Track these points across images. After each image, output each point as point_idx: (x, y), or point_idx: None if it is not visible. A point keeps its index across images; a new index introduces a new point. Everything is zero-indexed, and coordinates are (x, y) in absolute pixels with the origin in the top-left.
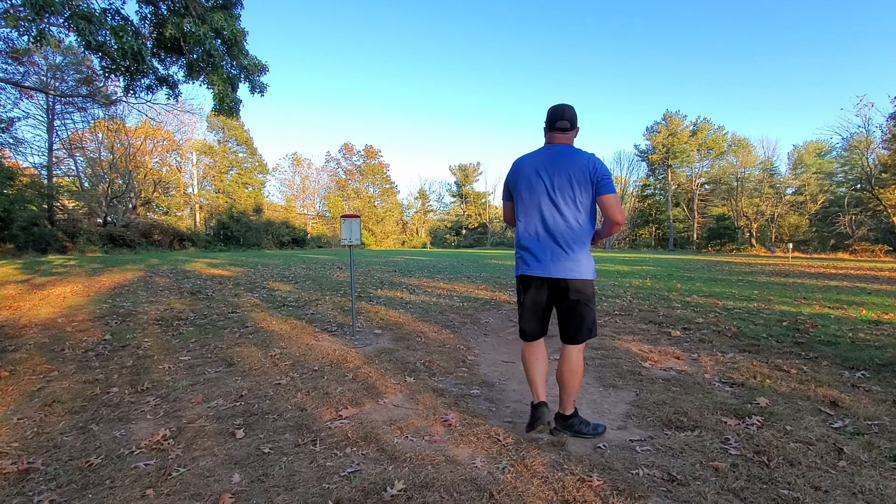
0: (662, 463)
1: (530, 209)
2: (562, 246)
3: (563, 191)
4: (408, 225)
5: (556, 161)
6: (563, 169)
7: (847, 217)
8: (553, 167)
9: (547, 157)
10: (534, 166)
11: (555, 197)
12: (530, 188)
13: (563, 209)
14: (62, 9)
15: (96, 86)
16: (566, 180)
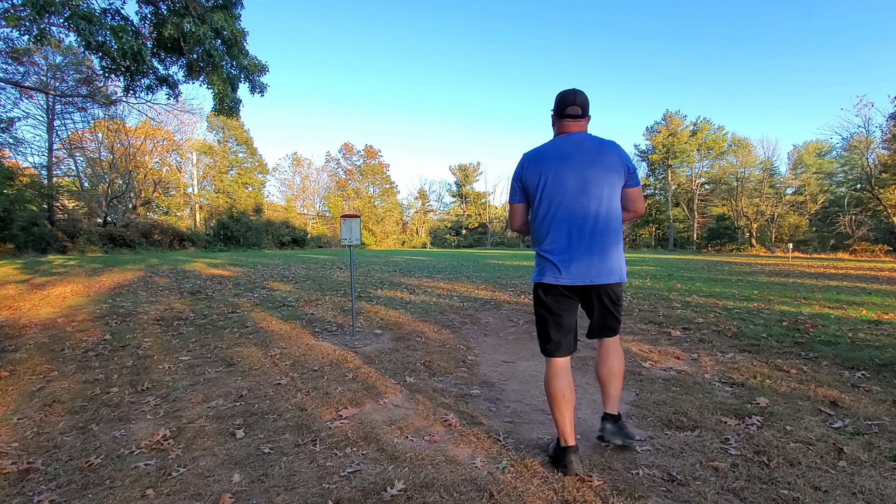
0: (662, 463)
1: (557, 208)
2: (599, 247)
3: (596, 185)
4: (408, 225)
5: (584, 152)
6: (594, 161)
7: (847, 217)
8: (582, 159)
9: (572, 148)
10: (558, 159)
11: (588, 192)
12: (557, 184)
13: (597, 205)
14: (62, 9)
15: (96, 86)
16: (599, 173)
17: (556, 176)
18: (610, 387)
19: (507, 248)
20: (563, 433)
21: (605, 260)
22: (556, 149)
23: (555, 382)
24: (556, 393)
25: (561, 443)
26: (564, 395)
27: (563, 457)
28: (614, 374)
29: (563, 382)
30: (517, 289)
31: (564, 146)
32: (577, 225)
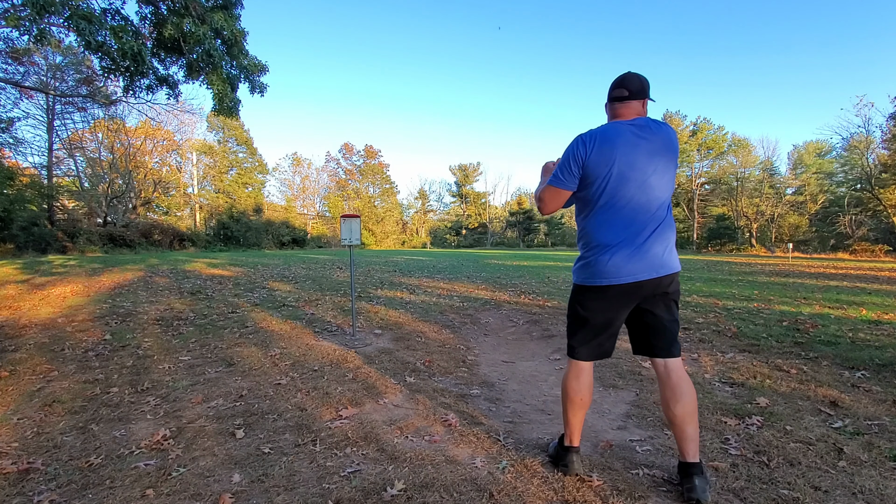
0: (662, 463)
1: (620, 196)
2: (663, 237)
3: (659, 174)
4: (408, 225)
5: (652, 137)
6: (661, 148)
7: (847, 217)
8: (651, 145)
9: (641, 133)
10: (629, 143)
11: (651, 183)
12: (630, 168)
13: (660, 194)
14: (62, 9)
15: (96, 86)
16: (664, 161)
17: (629, 162)
18: (687, 426)
19: (507, 248)
20: (571, 434)
21: (670, 249)
22: (624, 133)
23: (580, 381)
24: (579, 392)
25: (565, 442)
26: (583, 399)
27: (566, 456)
28: (684, 416)
29: (588, 380)
30: (517, 289)
31: (634, 132)
32: (641, 214)
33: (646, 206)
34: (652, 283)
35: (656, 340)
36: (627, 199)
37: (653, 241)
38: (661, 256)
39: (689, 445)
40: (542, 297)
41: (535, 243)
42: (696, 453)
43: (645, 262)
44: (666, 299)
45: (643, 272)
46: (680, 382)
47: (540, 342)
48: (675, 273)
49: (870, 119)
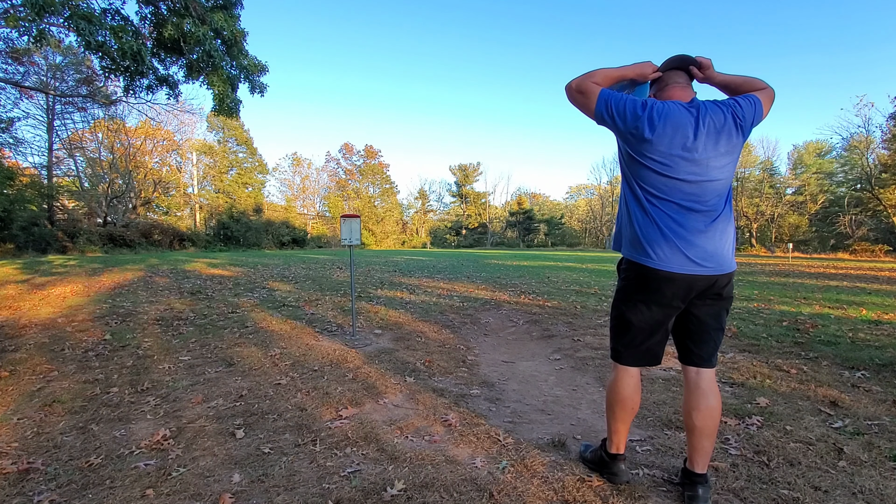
0: (662, 463)
1: (672, 180)
2: (720, 231)
3: (720, 159)
4: (408, 225)
5: (707, 120)
6: (717, 129)
7: (847, 217)
8: (707, 128)
9: (699, 115)
10: (688, 125)
11: (712, 168)
12: (684, 150)
13: (720, 183)
14: (62, 9)
15: (96, 86)
16: (726, 145)
17: (684, 144)
18: (704, 439)
19: (507, 248)
20: (619, 442)
21: (729, 246)
22: (687, 113)
23: (631, 386)
24: (630, 397)
25: (611, 450)
26: (637, 399)
27: (613, 465)
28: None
29: (638, 384)
30: (517, 289)
31: (692, 113)
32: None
33: (703, 195)
34: (707, 279)
35: (697, 347)
36: (684, 184)
37: (712, 234)
38: (721, 252)
39: (700, 457)
40: (542, 297)
41: (535, 243)
42: (705, 465)
43: (711, 257)
44: (717, 304)
45: (715, 266)
46: (708, 393)
47: (540, 342)
48: (731, 273)
49: (870, 119)
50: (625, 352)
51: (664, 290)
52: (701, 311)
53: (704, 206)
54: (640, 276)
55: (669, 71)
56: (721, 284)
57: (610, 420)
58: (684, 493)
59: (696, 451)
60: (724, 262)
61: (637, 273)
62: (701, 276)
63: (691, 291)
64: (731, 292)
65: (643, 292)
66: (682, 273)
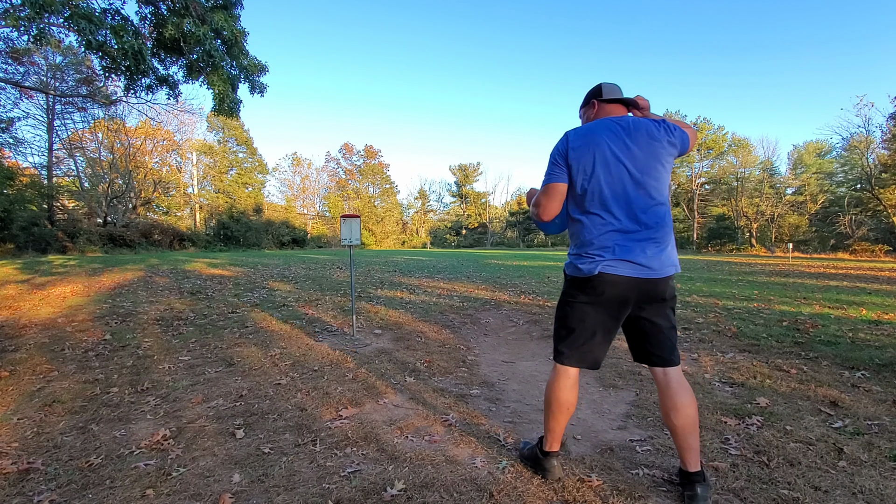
0: (662, 463)
1: (609, 194)
2: (659, 236)
3: (653, 169)
4: (408, 225)
5: (634, 133)
6: (650, 142)
7: (847, 217)
8: (639, 140)
9: (628, 129)
10: (610, 140)
11: (645, 177)
12: (613, 168)
13: (655, 191)
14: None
15: (96, 86)
16: (654, 155)
17: (610, 158)
18: (689, 436)
19: (507, 248)
20: (554, 440)
21: (669, 249)
22: (612, 127)
23: (569, 389)
24: (567, 399)
25: (545, 447)
26: (574, 401)
27: (547, 461)
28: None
29: (575, 386)
30: (517, 289)
31: (619, 126)
32: (636, 212)
33: (638, 202)
34: (648, 283)
35: (654, 349)
36: (616, 193)
37: (654, 239)
38: (665, 255)
39: (690, 455)
40: (542, 297)
41: (535, 243)
42: (697, 462)
43: (652, 260)
44: (664, 305)
45: (639, 271)
46: (680, 391)
47: (540, 342)
48: (671, 276)
49: (870, 119)
50: (567, 352)
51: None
52: (650, 314)
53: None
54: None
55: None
56: (662, 286)
57: (548, 419)
58: (684, 493)
59: (684, 450)
60: (664, 265)
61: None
62: (642, 280)
63: (635, 293)
64: (673, 292)
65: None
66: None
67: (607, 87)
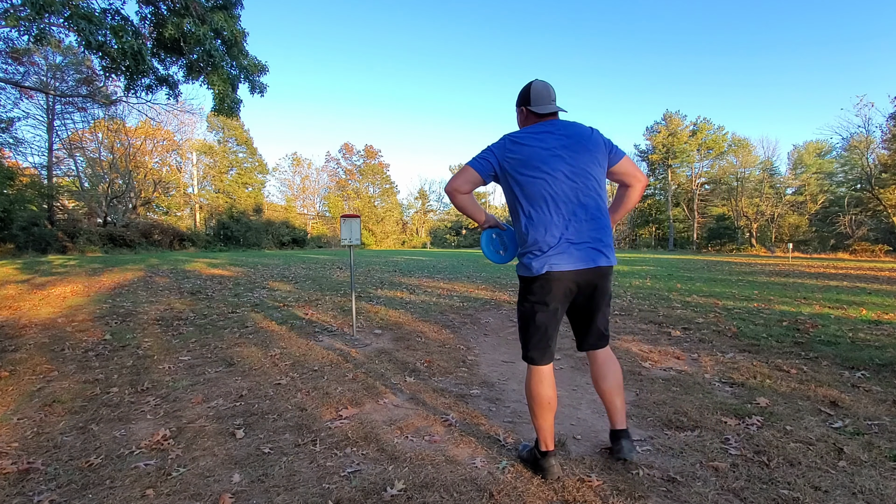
0: (662, 463)
1: (547, 196)
2: (597, 231)
3: (586, 170)
4: (408, 225)
5: (572, 137)
6: (582, 145)
7: (847, 217)
8: (571, 144)
9: (560, 133)
10: (546, 143)
11: (580, 177)
12: (548, 171)
13: (589, 190)
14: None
15: (96, 86)
16: (587, 157)
17: (549, 159)
18: (616, 399)
19: None
20: (546, 439)
21: (606, 242)
22: (546, 131)
23: (546, 385)
24: (547, 397)
25: (541, 448)
26: (550, 402)
27: (545, 461)
28: (614, 392)
29: (552, 383)
30: (517, 289)
31: (553, 129)
32: (570, 212)
33: (575, 202)
34: (585, 273)
35: (590, 336)
36: (552, 194)
37: (585, 236)
38: (595, 249)
39: (617, 415)
40: None
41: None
42: (623, 421)
43: (592, 253)
44: (602, 296)
45: (576, 263)
46: (607, 362)
47: None
48: (607, 267)
49: (870, 119)
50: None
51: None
52: (584, 302)
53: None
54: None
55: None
56: (598, 277)
57: (535, 419)
58: (613, 447)
59: (612, 412)
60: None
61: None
62: (581, 270)
63: (575, 283)
64: (606, 283)
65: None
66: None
67: (536, 93)
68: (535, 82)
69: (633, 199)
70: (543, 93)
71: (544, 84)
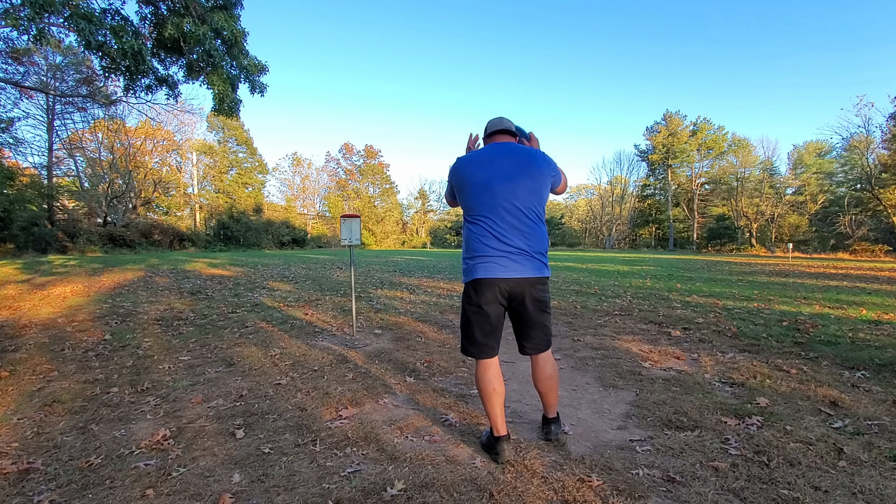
0: (662, 463)
1: (488, 209)
2: (531, 247)
3: (525, 187)
4: (408, 225)
5: (514, 157)
6: (523, 165)
7: (847, 217)
8: (512, 163)
9: (502, 153)
10: (489, 162)
11: (517, 194)
12: (489, 186)
13: (526, 205)
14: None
15: (96, 86)
16: (528, 176)
17: (488, 178)
18: (551, 395)
19: None
20: (496, 424)
21: (540, 257)
22: (488, 154)
23: (490, 376)
24: (491, 386)
25: (494, 432)
26: (495, 389)
27: (496, 445)
28: (548, 387)
29: (497, 374)
30: None
31: (495, 151)
32: (507, 224)
33: (512, 215)
34: (518, 282)
35: (526, 341)
36: (491, 209)
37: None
38: (528, 261)
39: (550, 407)
40: None
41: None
42: (554, 411)
43: (524, 264)
44: (534, 304)
45: (509, 272)
46: (545, 365)
47: None
48: (539, 277)
49: (870, 119)
50: (471, 347)
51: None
52: (522, 311)
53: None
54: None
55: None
56: (529, 286)
57: (491, 406)
58: (542, 429)
59: (546, 404)
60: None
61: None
62: (513, 279)
63: (508, 290)
64: (540, 293)
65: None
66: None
67: (491, 123)
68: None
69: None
70: (497, 122)
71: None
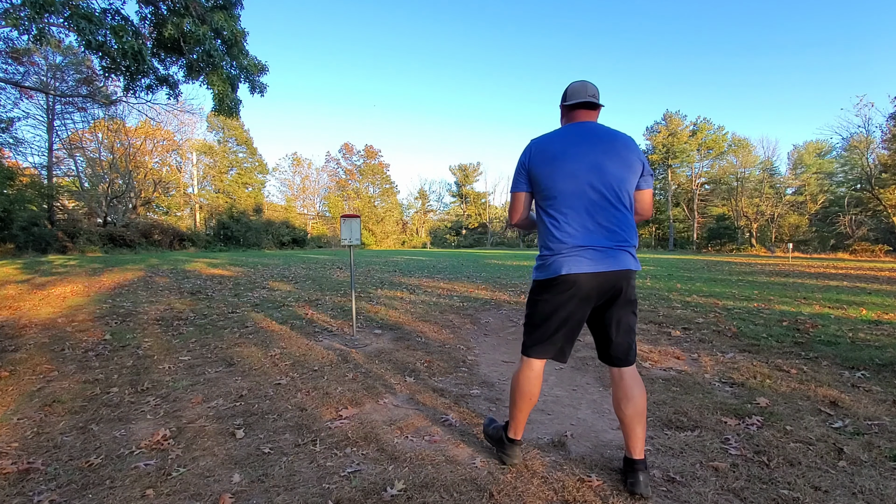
0: (662, 463)
1: (572, 202)
2: (621, 241)
3: (612, 175)
4: (408, 225)
5: (600, 141)
6: (610, 151)
7: (847, 217)
8: (598, 148)
9: (587, 137)
10: (573, 146)
11: (604, 182)
12: (571, 173)
13: (613, 196)
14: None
15: (96, 86)
16: (615, 164)
17: (570, 164)
18: (638, 426)
19: (507, 248)
20: (517, 428)
21: (630, 251)
22: (570, 136)
23: (534, 378)
24: (532, 387)
25: (509, 434)
26: (534, 393)
27: (510, 448)
28: (635, 417)
29: (540, 377)
30: (517, 289)
31: (579, 134)
32: (596, 219)
33: (606, 212)
34: (606, 277)
35: (611, 349)
36: (579, 198)
37: (616, 242)
38: (624, 255)
39: (636, 443)
40: None
41: (535, 243)
42: (642, 451)
43: (612, 257)
44: (621, 307)
45: (613, 264)
46: (633, 385)
47: None
48: (629, 270)
49: (870, 119)
50: (532, 346)
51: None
52: (609, 316)
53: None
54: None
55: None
56: (621, 283)
57: (513, 407)
58: (626, 479)
59: (631, 439)
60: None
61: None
62: (601, 273)
63: (595, 289)
64: (631, 292)
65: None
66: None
67: (572, 88)
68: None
69: None
70: (580, 89)
71: (581, 82)
